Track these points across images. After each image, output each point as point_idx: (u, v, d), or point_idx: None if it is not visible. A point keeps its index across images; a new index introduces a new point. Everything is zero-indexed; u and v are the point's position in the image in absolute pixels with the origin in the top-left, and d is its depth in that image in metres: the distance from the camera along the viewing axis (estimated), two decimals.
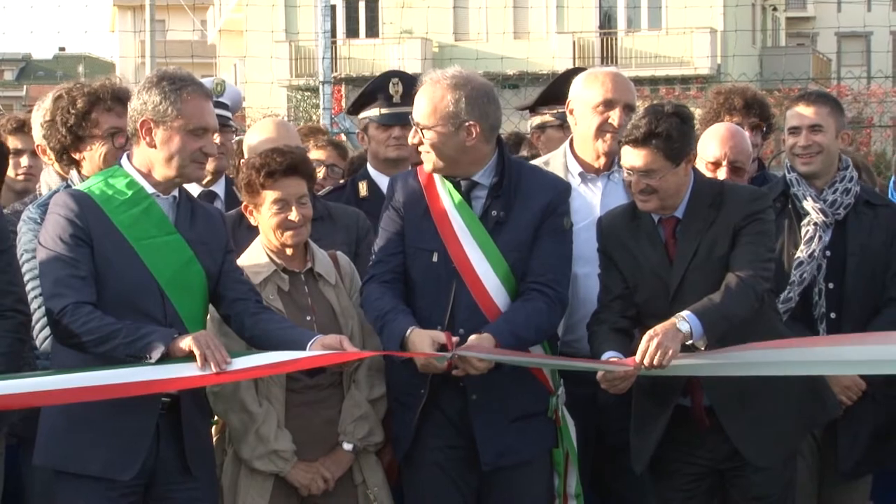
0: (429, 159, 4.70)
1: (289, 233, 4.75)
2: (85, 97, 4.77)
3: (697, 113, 5.85)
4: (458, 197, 4.69)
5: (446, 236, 4.67)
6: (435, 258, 4.67)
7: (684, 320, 4.42)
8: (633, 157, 4.60)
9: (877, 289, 5.06)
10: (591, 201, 5.20)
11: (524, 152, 6.77)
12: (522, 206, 4.71)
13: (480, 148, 4.70)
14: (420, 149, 4.72)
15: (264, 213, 4.77)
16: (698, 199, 4.69)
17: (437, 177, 4.74)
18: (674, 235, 4.68)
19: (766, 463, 4.67)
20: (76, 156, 4.80)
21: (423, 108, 4.69)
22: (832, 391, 4.92)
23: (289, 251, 4.80)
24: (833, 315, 5.05)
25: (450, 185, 4.71)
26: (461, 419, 4.69)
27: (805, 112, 5.14)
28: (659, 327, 4.42)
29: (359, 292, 4.81)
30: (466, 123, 4.64)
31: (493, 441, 4.66)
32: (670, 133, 4.57)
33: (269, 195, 4.74)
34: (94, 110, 4.77)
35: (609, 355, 4.54)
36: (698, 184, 4.74)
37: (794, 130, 5.17)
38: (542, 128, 6.30)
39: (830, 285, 5.06)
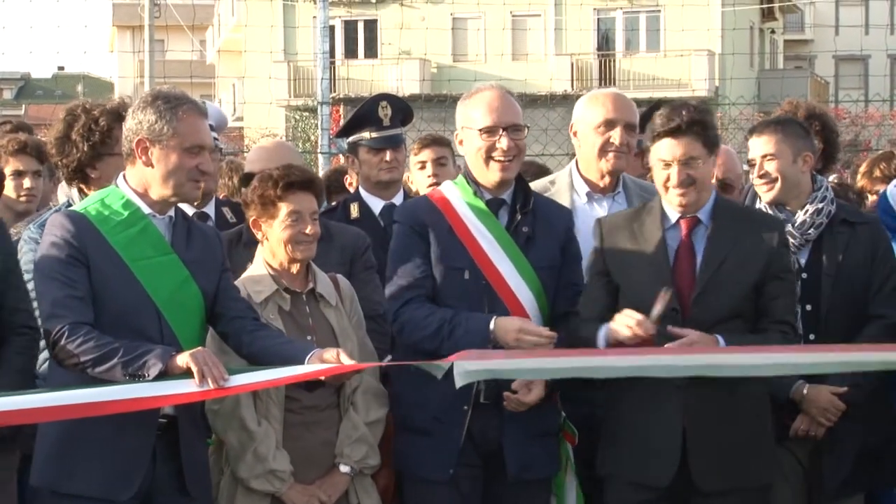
0: (518, 166, 4.82)
1: (300, 247, 4.76)
2: (107, 115, 4.84)
3: None
4: (485, 212, 4.73)
5: (475, 252, 4.69)
6: (466, 275, 4.69)
7: (720, 343, 4.51)
8: (673, 146, 4.61)
9: (856, 308, 5.01)
10: None
11: None
12: (545, 225, 4.79)
13: None
14: (514, 153, 4.78)
15: (276, 227, 4.76)
16: (722, 207, 4.74)
17: (452, 198, 4.78)
18: (689, 234, 4.69)
19: (711, 488, 4.61)
20: (93, 174, 4.83)
21: (516, 110, 4.83)
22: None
23: (294, 269, 4.80)
24: (811, 336, 5.00)
25: (477, 202, 4.74)
26: (483, 437, 4.70)
27: (756, 143, 5.12)
28: (699, 334, 4.48)
29: (383, 317, 4.84)
30: None
31: (520, 454, 4.69)
32: (706, 121, 4.65)
33: (285, 207, 4.75)
34: (116, 127, 4.81)
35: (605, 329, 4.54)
36: (717, 193, 4.80)
37: (751, 162, 5.17)
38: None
39: (808, 307, 5.02)
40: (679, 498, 4.66)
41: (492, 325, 4.55)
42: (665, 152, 4.63)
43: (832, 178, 6.82)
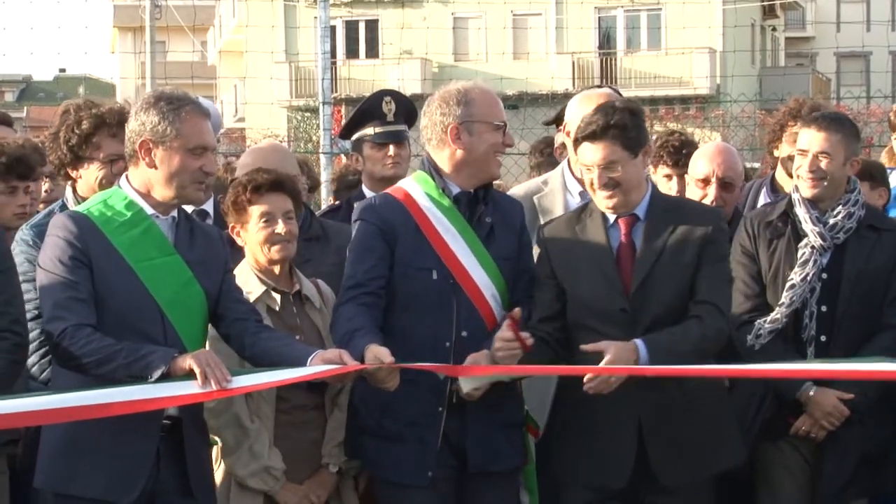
0: None
1: (276, 247, 4.78)
2: (91, 119, 4.82)
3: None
4: (447, 207, 4.70)
5: (442, 251, 4.67)
6: (435, 276, 4.65)
7: (640, 348, 4.49)
8: (591, 151, 4.64)
9: (873, 314, 5.00)
10: None
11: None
12: (503, 216, 4.79)
13: None
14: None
15: (251, 230, 4.80)
16: (657, 201, 4.77)
17: (415, 194, 4.74)
18: (630, 233, 4.70)
19: (672, 482, 4.65)
20: (73, 174, 4.82)
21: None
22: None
23: (276, 269, 4.83)
24: (823, 338, 4.99)
25: (441, 198, 4.70)
26: (455, 436, 4.67)
27: (814, 136, 5.06)
28: (615, 348, 4.44)
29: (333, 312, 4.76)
30: None
31: (483, 446, 4.67)
32: (625, 123, 4.63)
33: (256, 210, 4.78)
34: (97, 134, 4.83)
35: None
36: (654, 189, 4.83)
37: (803, 152, 5.11)
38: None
39: (823, 308, 5.00)
40: (632, 497, 4.69)
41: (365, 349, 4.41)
42: (585, 157, 4.67)
43: None
